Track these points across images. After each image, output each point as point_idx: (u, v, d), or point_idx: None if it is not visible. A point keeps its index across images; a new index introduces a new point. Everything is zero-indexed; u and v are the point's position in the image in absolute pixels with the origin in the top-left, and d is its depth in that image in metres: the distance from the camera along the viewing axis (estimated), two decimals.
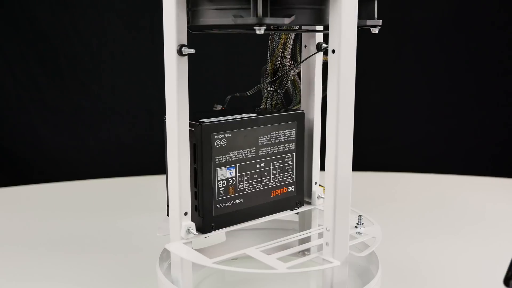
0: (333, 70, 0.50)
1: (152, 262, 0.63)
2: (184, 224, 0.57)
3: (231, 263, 0.68)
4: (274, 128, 0.63)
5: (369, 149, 1.44)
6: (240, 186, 0.62)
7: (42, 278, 0.73)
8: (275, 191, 0.65)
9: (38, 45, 1.40)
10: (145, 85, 1.46)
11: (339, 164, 0.52)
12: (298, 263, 0.53)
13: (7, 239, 0.87)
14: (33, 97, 1.43)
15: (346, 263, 0.55)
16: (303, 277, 0.70)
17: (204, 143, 0.58)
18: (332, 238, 0.53)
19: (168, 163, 0.57)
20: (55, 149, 1.47)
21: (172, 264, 0.59)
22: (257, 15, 0.47)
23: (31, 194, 1.13)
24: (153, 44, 1.40)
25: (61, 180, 1.22)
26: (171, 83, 0.53)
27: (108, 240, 0.85)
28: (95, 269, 0.75)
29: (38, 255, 0.80)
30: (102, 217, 0.96)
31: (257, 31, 0.48)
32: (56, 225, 0.92)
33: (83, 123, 1.47)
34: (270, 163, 0.64)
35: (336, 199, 0.52)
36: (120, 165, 1.48)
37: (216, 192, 0.60)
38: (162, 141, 0.59)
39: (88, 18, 1.41)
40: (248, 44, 1.40)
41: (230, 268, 0.54)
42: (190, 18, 0.54)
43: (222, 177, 0.60)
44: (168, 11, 0.52)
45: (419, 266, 0.76)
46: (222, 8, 0.50)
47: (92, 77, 1.44)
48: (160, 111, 0.56)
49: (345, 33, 0.49)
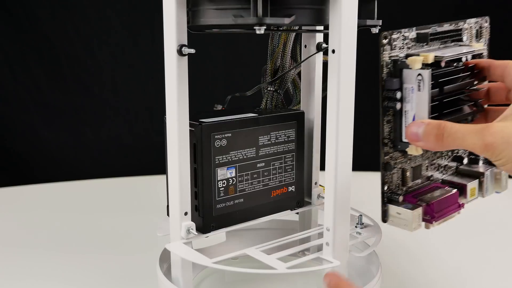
0: (333, 70, 0.50)
1: (152, 262, 0.63)
2: (184, 224, 0.57)
3: (231, 263, 0.68)
4: (274, 128, 0.63)
5: (369, 149, 1.44)
6: (240, 186, 0.62)
7: (42, 278, 0.73)
8: (275, 191, 0.65)
9: (38, 45, 1.39)
10: (145, 85, 1.46)
11: (339, 164, 0.52)
12: (298, 263, 0.53)
13: (7, 239, 0.87)
14: (33, 97, 1.43)
15: (346, 263, 0.55)
16: (303, 277, 0.70)
17: (204, 143, 0.58)
18: (332, 238, 0.53)
19: (168, 163, 0.57)
20: (55, 149, 1.47)
21: (172, 264, 0.59)
22: (257, 15, 0.47)
23: (31, 194, 1.13)
24: (153, 44, 1.40)
25: (61, 180, 1.22)
26: (171, 83, 0.53)
27: (108, 240, 0.85)
28: (95, 269, 0.75)
29: (38, 255, 0.80)
30: (102, 217, 0.96)
31: (257, 31, 0.48)
32: (56, 225, 0.92)
33: (83, 123, 1.47)
34: (270, 163, 0.64)
35: (336, 199, 0.52)
36: (120, 165, 1.48)
37: (216, 192, 0.60)
38: (162, 141, 0.59)
39: (88, 18, 1.41)
40: (248, 44, 1.40)
41: (230, 268, 0.54)
42: (190, 18, 0.54)
43: (222, 177, 0.60)
44: (168, 11, 0.52)
45: (419, 266, 0.76)
46: (222, 8, 0.50)
47: (92, 77, 1.44)
48: (160, 111, 0.56)
49: (345, 33, 0.49)
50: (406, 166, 0.58)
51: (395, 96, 0.53)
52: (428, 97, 0.52)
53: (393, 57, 0.54)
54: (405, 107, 0.54)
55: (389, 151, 0.55)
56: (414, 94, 0.53)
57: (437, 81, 0.53)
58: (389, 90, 0.53)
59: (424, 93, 0.52)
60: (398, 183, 0.57)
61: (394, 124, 0.55)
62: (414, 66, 0.52)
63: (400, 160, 0.57)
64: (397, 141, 0.55)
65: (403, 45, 0.54)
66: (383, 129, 0.54)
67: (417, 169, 0.59)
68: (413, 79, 0.52)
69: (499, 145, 0.47)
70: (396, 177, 0.57)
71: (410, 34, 0.55)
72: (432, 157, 0.60)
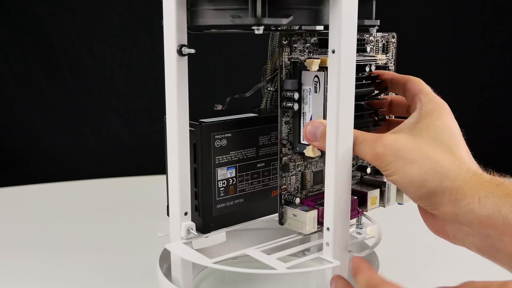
0: (333, 70, 0.50)
1: (152, 262, 0.63)
2: (184, 224, 0.57)
3: (231, 263, 0.68)
4: (274, 128, 0.63)
5: None
6: (240, 186, 0.62)
7: (42, 278, 0.73)
8: (275, 191, 0.65)
9: (38, 45, 1.40)
10: (145, 85, 1.46)
11: (339, 164, 0.52)
12: (298, 263, 0.53)
13: (7, 239, 0.87)
14: (33, 97, 1.43)
15: (346, 263, 0.55)
16: (303, 277, 0.70)
17: (204, 143, 0.58)
18: (332, 238, 0.53)
19: (168, 163, 0.57)
20: (55, 149, 1.47)
21: (172, 264, 0.59)
22: (256, 16, 0.47)
23: (32, 194, 1.13)
24: (153, 44, 1.41)
25: (61, 180, 1.22)
26: (171, 83, 0.53)
27: (108, 240, 0.85)
28: (95, 269, 0.75)
29: (38, 255, 0.80)
30: (102, 217, 0.96)
31: (256, 31, 0.48)
32: (56, 225, 0.92)
33: (83, 123, 1.47)
34: (270, 163, 0.64)
35: (336, 199, 0.52)
36: (120, 165, 1.48)
37: (216, 192, 0.60)
38: (162, 141, 0.59)
39: (88, 18, 1.41)
40: (248, 44, 1.40)
41: (230, 268, 0.54)
42: (189, 19, 0.54)
43: (222, 177, 0.60)
44: (168, 11, 0.52)
45: (420, 266, 0.76)
46: (220, 9, 0.50)
47: (92, 77, 1.44)
48: (160, 111, 0.56)
49: (345, 33, 0.49)
50: (306, 170, 0.58)
51: (293, 97, 0.53)
52: (324, 99, 0.52)
53: (293, 59, 0.54)
54: (304, 108, 0.54)
55: (288, 152, 0.56)
56: (311, 96, 0.53)
57: None
58: (287, 91, 0.54)
59: (320, 95, 0.53)
60: (297, 186, 0.58)
61: (293, 125, 0.55)
62: (312, 67, 0.52)
63: (299, 163, 0.57)
64: (296, 143, 0.56)
65: (304, 48, 0.55)
66: (281, 129, 0.55)
67: (319, 174, 0.59)
68: (311, 80, 0.53)
69: (388, 157, 0.49)
70: (295, 179, 0.57)
71: (312, 39, 0.56)
72: None
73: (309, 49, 0.56)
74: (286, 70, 0.54)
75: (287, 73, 0.54)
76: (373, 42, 0.61)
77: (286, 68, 0.54)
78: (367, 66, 0.56)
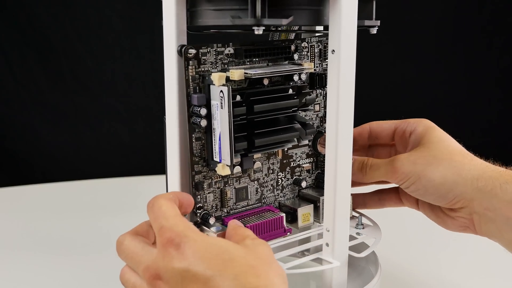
0: (333, 70, 0.50)
1: None
2: None
3: None
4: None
5: None
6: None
7: (42, 278, 0.73)
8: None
9: (38, 45, 1.40)
10: (145, 85, 1.46)
11: (339, 164, 0.52)
12: (298, 264, 0.53)
13: (7, 239, 0.87)
14: (33, 97, 1.43)
15: (346, 263, 0.55)
16: (303, 277, 0.70)
17: None
18: (332, 238, 0.53)
19: (168, 163, 0.57)
20: (55, 149, 1.47)
21: None
22: (255, 16, 0.47)
23: (32, 194, 1.13)
24: (153, 44, 1.41)
25: (61, 180, 1.22)
26: (171, 83, 0.53)
27: (108, 240, 0.85)
28: (95, 269, 0.75)
29: (37, 255, 0.80)
30: (102, 217, 0.96)
31: (256, 32, 0.48)
32: (56, 225, 0.92)
33: (83, 123, 1.47)
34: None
35: (336, 199, 0.52)
36: (120, 165, 1.48)
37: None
38: (162, 141, 0.59)
39: (88, 18, 1.41)
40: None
41: None
42: (189, 19, 0.53)
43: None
44: (168, 11, 0.52)
45: (419, 266, 0.76)
46: (220, 9, 0.50)
47: (92, 77, 1.44)
48: (160, 111, 0.56)
49: (345, 33, 0.49)
50: (227, 187, 0.56)
51: (199, 113, 0.51)
52: (229, 114, 0.50)
53: (204, 72, 0.52)
54: (214, 124, 0.52)
55: (202, 169, 0.54)
56: (218, 111, 0.51)
57: (248, 100, 0.53)
58: (195, 106, 0.52)
59: (225, 111, 0.50)
60: (216, 204, 0.56)
61: (206, 141, 0.53)
62: (217, 82, 0.51)
63: (217, 180, 0.55)
64: (209, 159, 0.54)
65: (217, 60, 0.53)
66: (192, 146, 0.53)
67: (243, 190, 0.57)
68: (217, 95, 0.51)
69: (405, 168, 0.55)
70: (213, 197, 0.55)
71: (226, 49, 0.54)
72: (263, 179, 0.59)
73: (223, 61, 0.54)
74: (195, 84, 0.52)
75: (195, 88, 0.52)
76: (306, 48, 0.59)
77: (194, 82, 0.52)
78: (295, 75, 0.56)
